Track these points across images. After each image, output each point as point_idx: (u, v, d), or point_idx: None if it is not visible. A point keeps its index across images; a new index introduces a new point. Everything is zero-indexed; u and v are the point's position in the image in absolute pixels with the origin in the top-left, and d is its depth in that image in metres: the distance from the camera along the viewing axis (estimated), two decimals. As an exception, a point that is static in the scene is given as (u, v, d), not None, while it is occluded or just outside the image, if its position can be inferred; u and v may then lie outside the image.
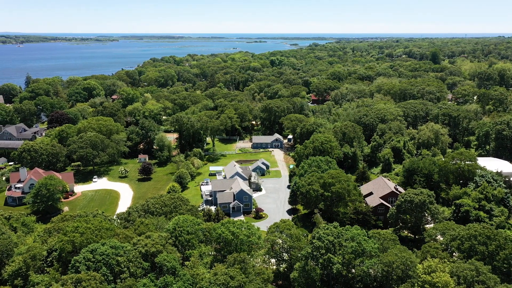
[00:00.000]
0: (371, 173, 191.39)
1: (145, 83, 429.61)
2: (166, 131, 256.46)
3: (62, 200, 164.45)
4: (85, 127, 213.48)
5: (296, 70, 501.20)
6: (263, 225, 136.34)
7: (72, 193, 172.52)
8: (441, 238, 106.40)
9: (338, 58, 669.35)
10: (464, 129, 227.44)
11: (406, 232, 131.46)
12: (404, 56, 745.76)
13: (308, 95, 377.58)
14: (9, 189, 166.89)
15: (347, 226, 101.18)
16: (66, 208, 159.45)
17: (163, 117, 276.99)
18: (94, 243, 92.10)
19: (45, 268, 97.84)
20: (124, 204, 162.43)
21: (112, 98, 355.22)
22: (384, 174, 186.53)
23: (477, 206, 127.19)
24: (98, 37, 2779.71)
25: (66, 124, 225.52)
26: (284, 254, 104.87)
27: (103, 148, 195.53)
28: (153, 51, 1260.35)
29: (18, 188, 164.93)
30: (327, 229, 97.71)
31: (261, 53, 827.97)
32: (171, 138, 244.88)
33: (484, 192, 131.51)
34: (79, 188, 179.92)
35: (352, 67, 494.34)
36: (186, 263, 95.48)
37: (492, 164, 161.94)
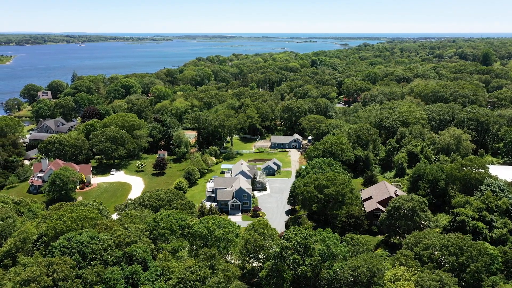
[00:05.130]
0: (384, 177, 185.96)
1: (182, 82, 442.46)
2: (189, 129, 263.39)
3: (78, 190, 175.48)
4: (110, 122, 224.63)
5: (334, 70, 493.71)
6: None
7: (88, 184, 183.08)
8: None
9: (383, 58, 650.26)
10: (494, 135, 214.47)
11: (397, 238, 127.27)
12: (455, 57, 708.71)
13: (341, 96, 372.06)
14: (32, 178, 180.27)
15: (318, 229, 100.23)
16: (80, 198, 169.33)
17: (191, 114, 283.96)
18: (73, 231, 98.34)
19: (34, 251, 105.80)
20: (133, 197, 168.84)
21: (147, 96, 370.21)
22: (397, 179, 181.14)
23: (476, 216, 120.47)
24: (153, 36, 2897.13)
25: (94, 119, 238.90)
26: (259, 252, 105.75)
27: (122, 143, 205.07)
28: (202, 50, 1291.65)
29: (40, 177, 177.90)
30: (296, 230, 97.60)
31: (305, 53, 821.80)
32: (193, 136, 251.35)
33: (487, 202, 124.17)
34: (96, 180, 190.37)
35: (393, 68, 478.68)
36: (159, 255, 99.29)
37: (507, 172, 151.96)
